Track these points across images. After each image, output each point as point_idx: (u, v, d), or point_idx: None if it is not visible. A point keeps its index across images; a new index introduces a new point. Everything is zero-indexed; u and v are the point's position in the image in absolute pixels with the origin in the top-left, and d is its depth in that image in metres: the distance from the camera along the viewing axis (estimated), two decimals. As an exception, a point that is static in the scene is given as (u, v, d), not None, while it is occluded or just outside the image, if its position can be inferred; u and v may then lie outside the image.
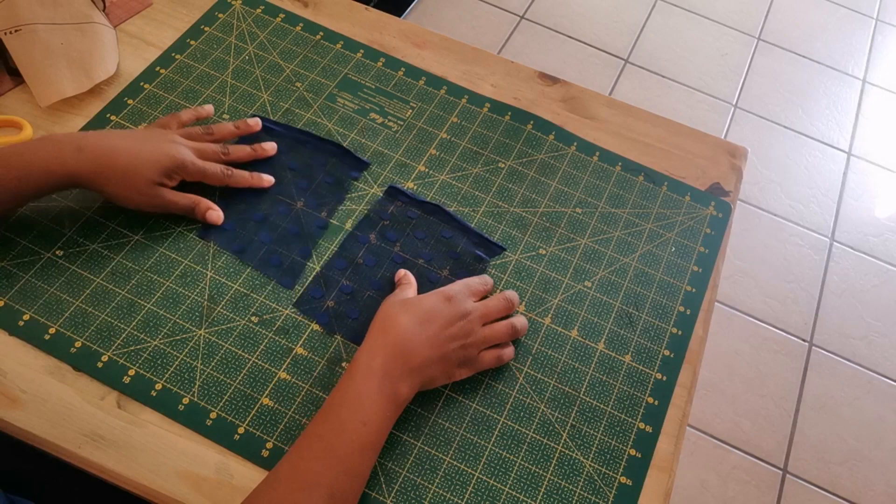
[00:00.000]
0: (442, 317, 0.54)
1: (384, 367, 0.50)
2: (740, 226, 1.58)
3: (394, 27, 0.79)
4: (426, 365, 0.52)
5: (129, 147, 0.57)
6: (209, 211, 0.61)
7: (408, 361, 0.51)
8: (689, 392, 0.60)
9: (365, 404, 0.49)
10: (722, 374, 1.39)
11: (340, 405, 0.49)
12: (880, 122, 1.83)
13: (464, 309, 0.55)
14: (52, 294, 0.58)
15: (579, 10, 1.92)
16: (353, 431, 0.48)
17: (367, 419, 0.49)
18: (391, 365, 0.51)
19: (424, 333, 0.53)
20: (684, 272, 0.66)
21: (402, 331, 0.52)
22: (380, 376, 0.50)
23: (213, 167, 0.62)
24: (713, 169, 0.73)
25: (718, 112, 1.78)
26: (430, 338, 0.53)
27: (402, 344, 0.52)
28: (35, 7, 0.67)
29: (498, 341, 0.57)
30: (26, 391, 0.53)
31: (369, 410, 0.49)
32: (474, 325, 0.55)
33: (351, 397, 0.49)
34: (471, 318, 0.55)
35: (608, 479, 0.55)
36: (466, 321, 0.55)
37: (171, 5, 0.77)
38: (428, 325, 0.53)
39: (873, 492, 1.29)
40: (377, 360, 0.51)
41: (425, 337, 0.52)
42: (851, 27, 2.02)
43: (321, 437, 0.48)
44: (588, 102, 0.76)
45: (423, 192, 0.67)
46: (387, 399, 0.50)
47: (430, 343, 0.52)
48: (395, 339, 0.52)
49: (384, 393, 0.50)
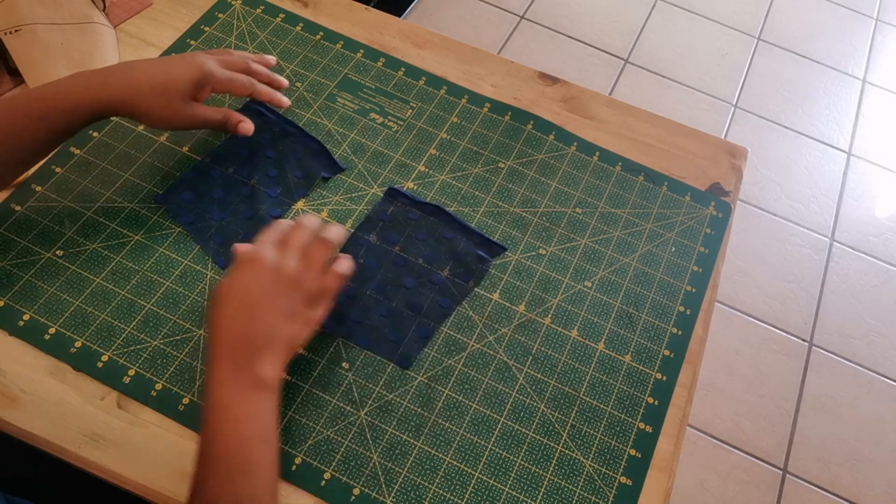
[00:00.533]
0: (256, 284, 0.50)
1: (232, 365, 0.48)
2: (740, 226, 1.58)
3: (394, 27, 0.79)
4: (273, 333, 0.49)
5: (154, 67, 0.57)
6: (241, 123, 0.62)
7: (252, 345, 0.48)
8: (689, 392, 0.60)
9: (228, 404, 0.47)
10: (722, 374, 1.39)
11: (210, 416, 0.47)
12: (880, 122, 1.83)
13: (270, 261, 0.51)
14: (52, 294, 0.58)
15: (579, 10, 1.92)
16: (231, 432, 0.46)
17: (237, 415, 0.47)
18: (237, 359, 0.48)
19: (251, 310, 0.49)
20: (684, 272, 0.66)
21: (228, 324, 0.49)
22: (232, 375, 0.47)
23: (238, 77, 0.61)
24: (713, 169, 0.73)
25: (718, 112, 1.78)
26: (259, 309, 0.49)
27: (235, 336, 0.48)
28: (35, 7, 0.67)
29: (322, 259, 0.53)
30: (26, 391, 0.53)
31: (237, 407, 0.47)
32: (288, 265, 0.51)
33: (214, 405, 0.47)
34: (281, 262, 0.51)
35: (608, 479, 0.55)
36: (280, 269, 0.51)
37: (171, 5, 0.77)
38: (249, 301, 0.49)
39: (873, 492, 1.29)
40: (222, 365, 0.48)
41: (254, 312, 0.49)
42: (851, 27, 2.02)
43: (204, 454, 0.46)
44: (588, 102, 0.76)
45: (423, 192, 0.67)
46: (250, 388, 0.47)
47: (262, 313, 0.49)
48: (227, 335, 0.48)
49: (245, 384, 0.47)
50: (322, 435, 0.54)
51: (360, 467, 0.53)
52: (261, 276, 0.50)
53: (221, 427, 0.46)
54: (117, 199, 0.63)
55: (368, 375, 0.57)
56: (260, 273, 0.50)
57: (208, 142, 0.67)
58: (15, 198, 0.62)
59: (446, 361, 0.58)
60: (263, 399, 0.48)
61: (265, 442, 0.47)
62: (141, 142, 0.67)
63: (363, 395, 0.56)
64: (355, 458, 0.53)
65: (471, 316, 0.61)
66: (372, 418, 0.55)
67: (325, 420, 0.55)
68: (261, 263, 0.51)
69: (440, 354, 0.59)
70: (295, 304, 0.51)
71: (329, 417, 0.55)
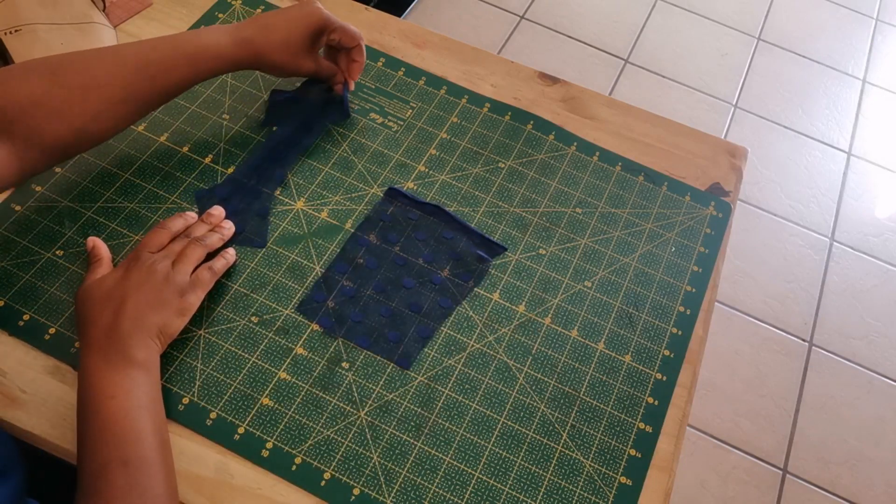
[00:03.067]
0: (124, 280, 0.53)
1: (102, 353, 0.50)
2: (740, 226, 1.58)
3: (394, 27, 0.79)
4: (140, 320, 0.51)
5: (281, 21, 0.62)
6: (338, 84, 0.70)
7: (120, 333, 0.50)
8: (689, 392, 0.60)
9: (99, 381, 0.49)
10: (722, 374, 1.39)
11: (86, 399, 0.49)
12: (880, 122, 1.83)
13: (141, 262, 0.54)
14: (52, 294, 0.58)
15: (579, 10, 1.92)
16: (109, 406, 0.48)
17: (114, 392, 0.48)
18: (107, 347, 0.50)
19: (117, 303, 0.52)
20: (684, 272, 0.66)
21: (95, 319, 0.51)
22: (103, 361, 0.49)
23: (348, 25, 0.66)
24: (713, 169, 0.73)
25: (718, 112, 1.78)
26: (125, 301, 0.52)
27: (102, 328, 0.51)
28: (35, 7, 0.67)
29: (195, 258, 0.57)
30: (26, 391, 0.53)
31: (112, 386, 0.48)
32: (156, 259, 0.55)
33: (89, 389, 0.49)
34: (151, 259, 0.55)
35: (608, 479, 0.55)
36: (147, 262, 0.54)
37: (171, 5, 0.77)
38: (115, 295, 0.52)
39: (873, 492, 1.29)
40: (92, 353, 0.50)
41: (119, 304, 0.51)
42: (851, 27, 2.02)
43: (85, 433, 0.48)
44: (588, 102, 0.76)
45: (423, 192, 0.67)
46: (123, 367, 0.49)
47: (129, 303, 0.51)
48: (96, 330, 0.51)
49: (116, 364, 0.49)
50: (322, 435, 0.54)
51: (360, 467, 0.53)
52: (131, 274, 0.54)
53: (100, 405, 0.48)
54: (117, 199, 0.63)
55: (368, 375, 0.57)
56: (129, 272, 0.54)
57: (208, 142, 0.67)
58: (15, 198, 0.62)
59: (446, 361, 0.58)
60: (137, 375, 0.50)
61: (146, 411, 0.49)
62: (141, 142, 0.67)
63: (363, 395, 0.56)
64: (355, 458, 0.53)
65: (471, 316, 0.61)
66: (372, 418, 0.55)
67: (325, 420, 0.55)
68: (138, 264, 0.54)
69: (440, 354, 0.59)
70: (163, 295, 0.53)
71: (329, 417, 0.55)
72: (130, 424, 0.48)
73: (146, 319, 0.52)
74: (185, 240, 0.58)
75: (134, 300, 0.52)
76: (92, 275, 0.55)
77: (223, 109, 0.70)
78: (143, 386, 0.50)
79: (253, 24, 0.61)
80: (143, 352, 0.51)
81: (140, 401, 0.49)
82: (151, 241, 0.57)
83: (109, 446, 0.47)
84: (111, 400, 0.48)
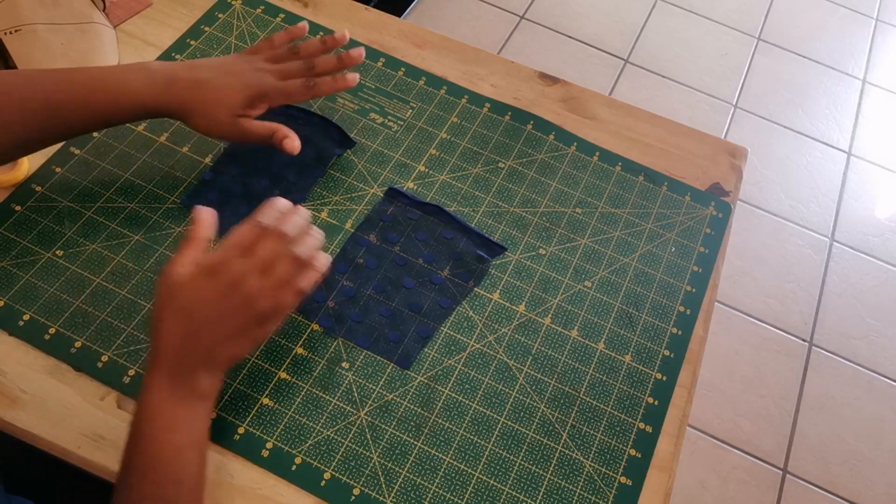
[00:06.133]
0: (209, 299, 0.48)
1: (169, 376, 0.47)
2: (740, 226, 1.58)
3: (394, 27, 0.79)
4: (213, 350, 0.48)
5: (214, 79, 0.58)
6: (285, 139, 0.60)
7: (191, 359, 0.47)
8: (689, 392, 0.60)
9: (161, 412, 0.46)
10: (722, 374, 1.39)
11: (141, 421, 0.47)
12: (880, 122, 1.83)
13: (230, 275, 0.48)
14: (52, 294, 0.58)
15: (579, 10, 1.92)
16: (163, 439, 0.46)
17: (170, 424, 0.46)
18: (175, 371, 0.47)
19: (197, 325, 0.47)
20: (684, 272, 0.66)
21: (170, 337, 0.47)
22: (168, 386, 0.47)
23: (294, 85, 0.61)
24: (713, 169, 0.73)
25: (718, 112, 1.78)
26: (205, 325, 0.47)
27: (175, 349, 0.47)
28: (35, 7, 0.67)
29: (287, 278, 0.50)
30: (26, 391, 0.53)
31: (170, 416, 0.47)
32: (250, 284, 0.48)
33: (148, 411, 0.47)
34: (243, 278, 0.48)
35: (608, 479, 0.55)
36: (238, 286, 0.48)
37: (171, 5, 0.77)
38: (196, 316, 0.48)
39: (873, 492, 1.29)
40: (159, 374, 0.47)
41: (199, 327, 0.47)
42: (851, 27, 2.02)
43: (132, 458, 0.46)
44: (588, 102, 0.76)
45: (423, 192, 0.67)
46: (186, 399, 0.47)
47: (207, 330, 0.48)
48: (168, 348, 0.47)
49: (180, 395, 0.47)
50: (322, 435, 0.54)
51: (360, 467, 0.53)
52: (215, 290, 0.48)
53: (154, 434, 0.46)
54: (117, 199, 0.63)
55: (368, 375, 0.57)
56: (216, 286, 0.48)
57: (208, 142, 0.67)
58: (15, 198, 0.62)
59: (446, 361, 0.58)
60: (197, 409, 0.48)
61: (196, 451, 0.47)
62: (141, 142, 0.67)
63: (363, 395, 0.56)
64: (355, 458, 0.53)
65: (471, 316, 0.61)
66: (372, 418, 0.55)
67: (325, 420, 0.55)
68: (220, 276, 0.48)
69: (440, 354, 0.59)
70: (243, 323, 0.49)
71: (329, 417, 0.55)
72: (180, 464, 0.46)
73: (221, 350, 0.48)
74: (277, 240, 0.50)
75: (212, 329, 0.48)
76: (180, 256, 0.49)
77: (223, 109, 0.70)
78: (201, 419, 0.48)
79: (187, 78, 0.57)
80: (209, 382, 0.48)
81: (194, 437, 0.48)
82: (243, 237, 0.50)
83: (154, 484, 0.45)
84: (167, 433, 0.46)
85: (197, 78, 0.58)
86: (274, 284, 0.49)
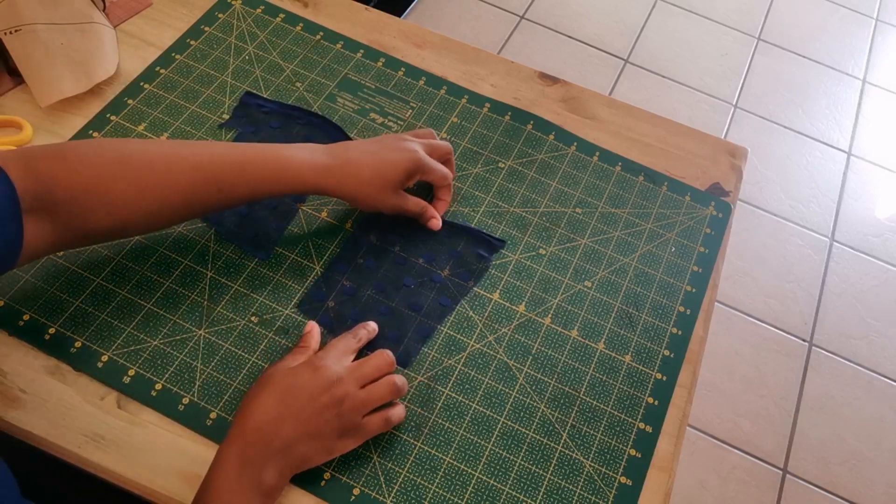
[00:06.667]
0: (307, 389, 0.50)
1: (242, 455, 0.47)
2: (740, 226, 1.58)
3: (394, 27, 0.79)
4: (292, 444, 0.48)
5: (372, 157, 0.59)
6: (432, 219, 0.64)
7: (268, 445, 0.48)
8: (689, 392, 0.60)
9: (225, 499, 0.46)
10: (722, 374, 1.39)
11: (205, 490, 0.47)
12: (880, 122, 1.83)
13: (333, 374, 0.51)
14: (52, 294, 0.58)
15: (579, 10, 1.92)
16: None
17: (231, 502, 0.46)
18: (250, 452, 0.47)
19: (287, 411, 0.49)
20: (684, 272, 0.66)
21: (259, 413, 0.49)
22: (238, 466, 0.47)
23: (444, 170, 0.63)
24: (713, 169, 0.73)
25: (718, 112, 1.78)
26: (294, 414, 0.49)
27: (259, 427, 0.48)
28: (35, 7, 0.67)
29: (380, 402, 0.52)
30: (26, 391, 0.53)
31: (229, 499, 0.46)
32: (348, 389, 0.51)
33: (211, 494, 0.46)
34: (343, 382, 0.51)
35: (608, 479, 0.55)
36: (337, 387, 0.50)
37: (171, 5, 0.77)
38: (290, 401, 0.49)
39: (873, 492, 1.29)
40: (234, 449, 0.47)
41: (288, 414, 0.48)
42: (851, 27, 2.02)
43: None
44: (588, 102, 0.76)
45: (423, 192, 0.67)
46: (249, 489, 0.47)
47: (294, 420, 0.48)
48: (253, 423, 0.48)
49: (245, 484, 0.47)
50: (322, 435, 0.54)
51: (359, 467, 0.53)
52: (315, 383, 0.50)
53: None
54: (117, 199, 0.63)
55: (368, 375, 0.57)
56: (318, 378, 0.50)
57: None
58: (15, 198, 0.62)
59: (446, 361, 0.58)
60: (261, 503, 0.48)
61: None
62: (141, 142, 0.67)
63: (363, 395, 0.56)
64: (355, 458, 0.53)
65: (471, 316, 0.61)
66: (372, 418, 0.55)
67: (325, 420, 0.55)
68: (324, 371, 0.51)
69: (440, 354, 0.59)
70: (326, 429, 0.50)
71: (329, 417, 0.55)
72: None
73: (298, 447, 0.49)
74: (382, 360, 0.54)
75: (297, 419, 0.48)
76: (289, 359, 0.53)
77: (223, 109, 0.70)
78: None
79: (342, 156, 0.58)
80: (275, 479, 0.48)
81: None
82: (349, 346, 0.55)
83: None
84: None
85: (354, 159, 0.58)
86: (367, 404, 0.52)
